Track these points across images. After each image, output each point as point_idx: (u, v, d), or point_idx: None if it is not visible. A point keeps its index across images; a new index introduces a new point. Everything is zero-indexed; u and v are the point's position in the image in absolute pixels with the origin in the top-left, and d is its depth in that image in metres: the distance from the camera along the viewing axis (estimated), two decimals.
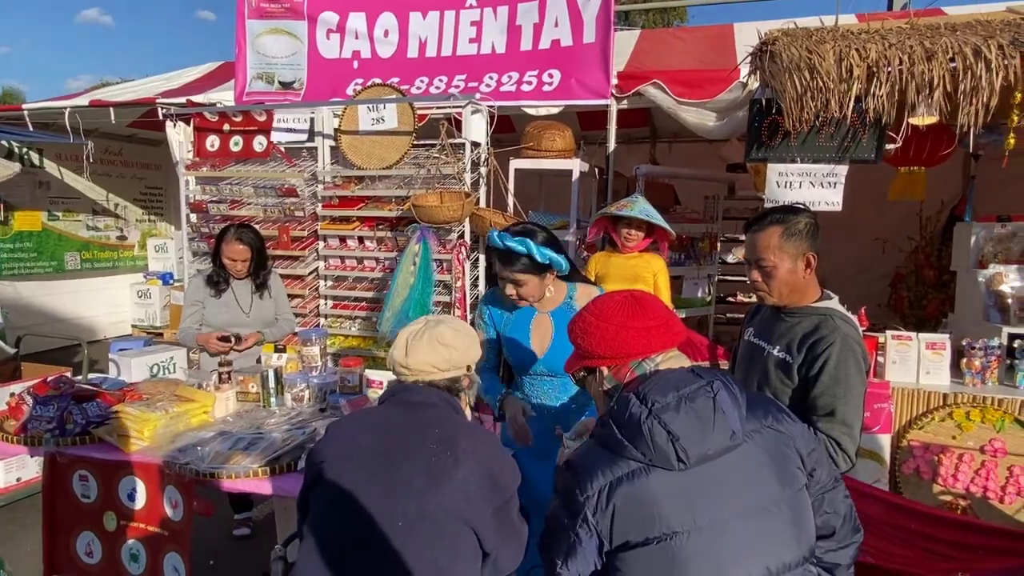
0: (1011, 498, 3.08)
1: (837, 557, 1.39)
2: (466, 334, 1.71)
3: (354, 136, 4.44)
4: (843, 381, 1.77)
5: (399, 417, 1.56)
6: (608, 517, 1.22)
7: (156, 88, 6.04)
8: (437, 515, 1.41)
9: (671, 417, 1.22)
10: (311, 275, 4.66)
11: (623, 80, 4.52)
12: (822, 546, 1.36)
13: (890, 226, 6.05)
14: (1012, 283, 3.41)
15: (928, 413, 3.17)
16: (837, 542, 1.38)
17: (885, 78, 2.54)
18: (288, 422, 2.50)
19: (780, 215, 1.89)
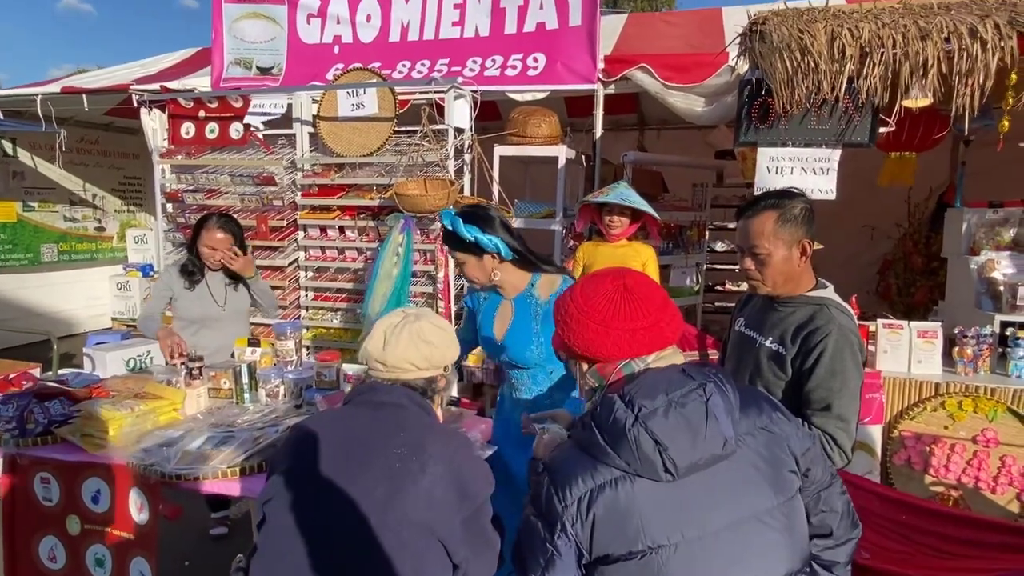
0: (1003, 488, 3.04)
1: (835, 555, 1.31)
2: (447, 331, 1.60)
3: (333, 122, 4.32)
4: (839, 374, 1.69)
5: (363, 420, 1.45)
6: (588, 528, 1.12)
7: (131, 75, 5.88)
8: (400, 526, 1.30)
9: (659, 424, 1.11)
10: (291, 266, 4.54)
11: (610, 64, 4.42)
12: (819, 544, 1.29)
13: (878, 213, 6.01)
14: (1004, 270, 3.36)
15: (920, 403, 3.12)
16: (835, 540, 1.30)
17: (879, 59, 2.46)
18: (261, 420, 2.40)
19: (775, 200, 1.80)
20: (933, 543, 2.29)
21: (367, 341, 1.56)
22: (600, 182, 4.62)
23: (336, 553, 1.31)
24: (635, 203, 3.34)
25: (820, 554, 1.29)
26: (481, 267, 2.16)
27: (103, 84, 5.57)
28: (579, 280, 1.34)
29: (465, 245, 2.12)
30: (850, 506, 1.34)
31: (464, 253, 2.14)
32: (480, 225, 2.10)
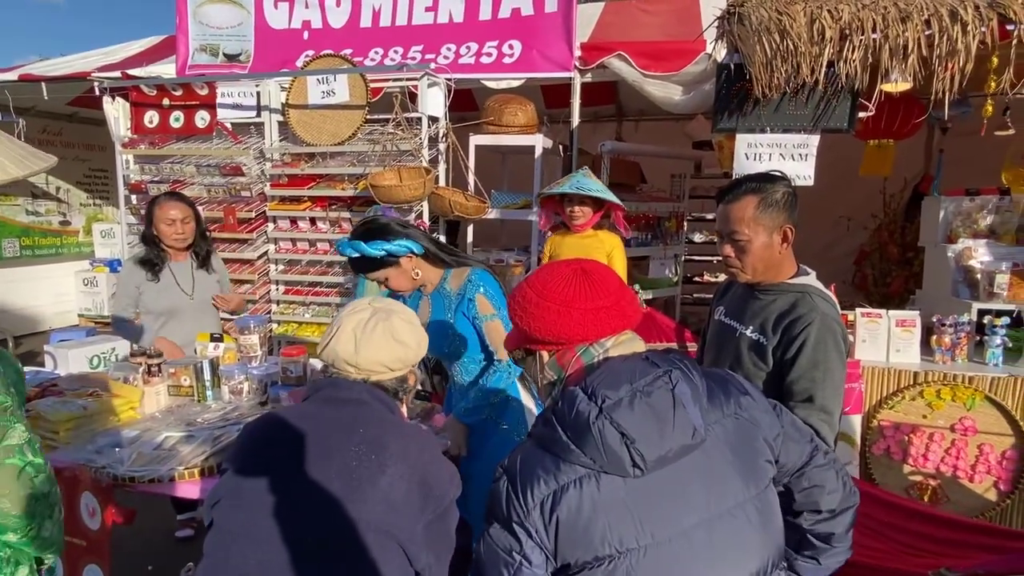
0: (981, 477, 3.03)
1: (831, 526, 1.25)
2: (417, 327, 1.50)
3: (303, 111, 4.19)
4: (822, 364, 1.64)
5: (322, 417, 1.35)
6: (552, 533, 1.03)
7: (94, 62, 5.67)
8: (356, 530, 1.21)
9: (624, 415, 1.03)
10: (260, 259, 4.41)
11: (587, 52, 4.34)
12: (810, 518, 1.24)
13: (854, 204, 6.03)
14: (981, 258, 3.34)
15: (898, 392, 3.10)
16: (830, 512, 1.24)
17: (859, 41, 2.41)
18: (223, 418, 2.29)
19: (756, 184, 1.74)
20: (907, 540, 2.26)
21: (333, 341, 1.43)
22: None
23: (289, 557, 1.21)
24: (593, 191, 3.24)
25: (814, 527, 1.24)
26: (403, 273, 2.17)
27: (63, 72, 5.36)
28: (533, 271, 1.28)
29: (378, 263, 2.12)
30: (842, 474, 1.27)
31: (382, 270, 2.14)
32: (380, 237, 2.11)
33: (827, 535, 1.25)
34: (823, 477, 1.23)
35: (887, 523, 2.11)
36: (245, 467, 1.32)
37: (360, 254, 2.09)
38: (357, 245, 2.09)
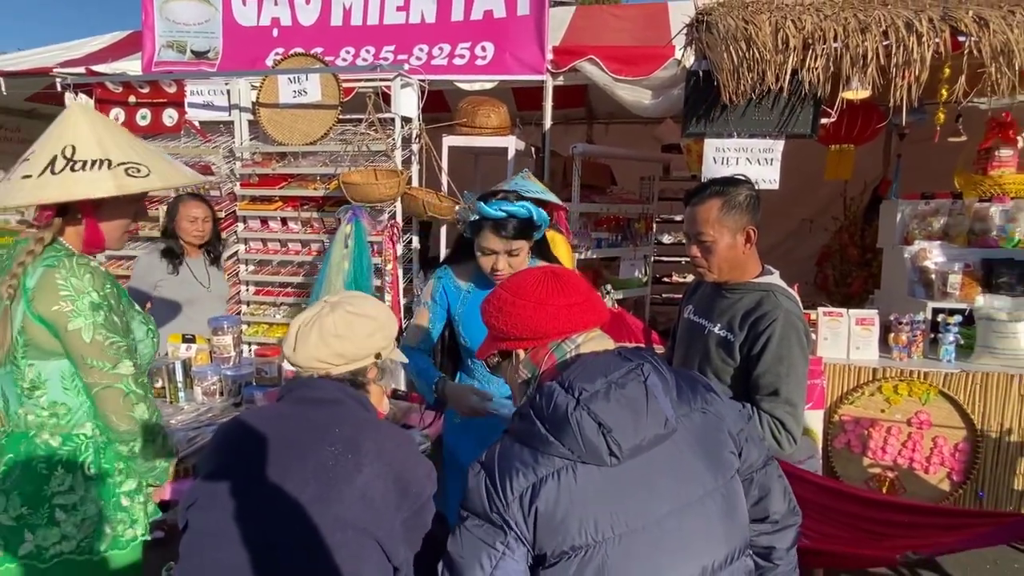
0: (935, 468, 3.17)
1: (774, 540, 1.29)
2: (368, 318, 1.44)
3: (274, 110, 4.16)
4: (786, 359, 1.71)
5: (295, 416, 1.36)
6: (531, 524, 1.07)
7: (55, 58, 5.52)
8: (334, 528, 1.22)
9: (601, 406, 1.08)
10: (231, 259, 4.35)
11: (559, 55, 4.39)
12: (756, 529, 1.28)
13: (816, 206, 6.22)
14: (936, 259, 3.49)
15: (858, 388, 3.22)
16: (773, 524, 1.29)
17: (821, 50, 2.51)
18: (196, 419, 2.28)
19: (720, 187, 1.82)
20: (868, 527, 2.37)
21: (284, 338, 1.46)
22: (550, 174, 4.60)
23: (265, 558, 1.22)
24: (535, 192, 3.14)
25: (757, 539, 1.28)
26: (527, 253, 2.06)
27: (23, 67, 5.22)
28: (503, 281, 1.35)
29: (527, 231, 2.00)
30: (788, 491, 1.33)
31: (524, 239, 2.01)
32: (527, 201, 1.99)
33: (769, 549, 1.29)
34: (773, 486, 1.28)
35: (848, 512, 2.20)
36: (220, 469, 1.32)
37: (528, 214, 1.96)
38: (526, 204, 1.96)
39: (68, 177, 1.45)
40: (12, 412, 1.56)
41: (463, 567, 1.10)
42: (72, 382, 1.54)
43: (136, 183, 1.50)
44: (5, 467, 1.52)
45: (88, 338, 1.48)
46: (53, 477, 1.52)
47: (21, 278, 1.47)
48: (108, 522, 1.58)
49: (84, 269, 1.51)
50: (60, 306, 1.46)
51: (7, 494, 1.51)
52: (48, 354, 1.51)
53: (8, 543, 1.51)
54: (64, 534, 1.52)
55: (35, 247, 1.49)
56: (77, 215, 1.54)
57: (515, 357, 1.27)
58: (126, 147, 1.55)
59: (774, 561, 1.30)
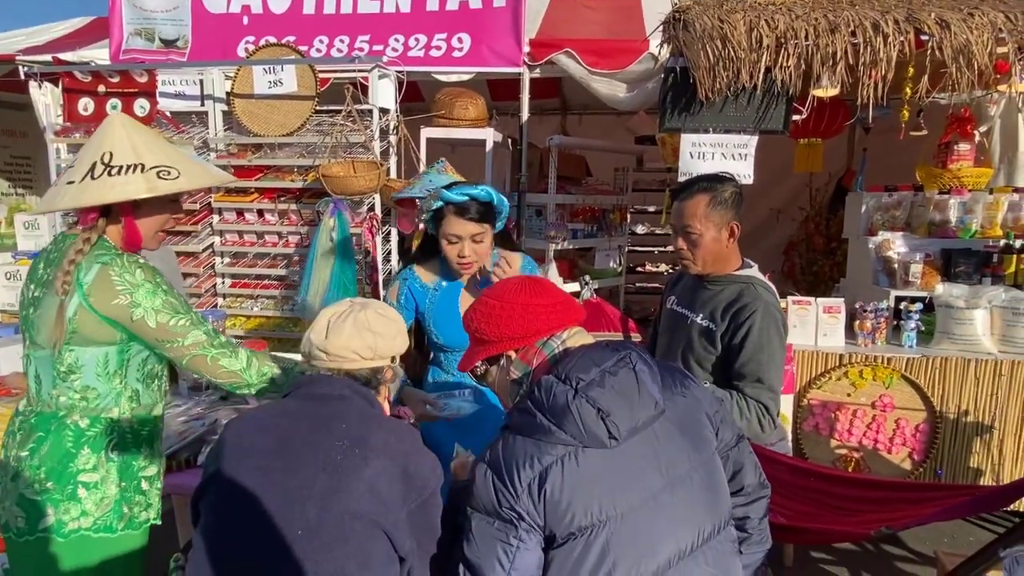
0: (897, 448, 3.33)
1: (748, 511, 1.41)
2: (394, 321, 1.57)
3: (249, 100, 4.11)
4: (766, 348, 1.81)
5: (303, 412, 1.40)
6: (541, 511, 1.15)
7: (16, 44, 5.36)
8: (342, 519, 1.27)
9: (598, 393, 1.17)
10: (206, 252, 4.31)
11: (535, 48, 4.44)
12: (732, 501, 1.37)
13: (783, 197, 6.39)
14: (898, 249, 3.64)
15: (826, 373, 3.36)
16: (746, 496, 1.40)
17: (792, 49, 2.60)
18: (185, 413, 2.30)
19: (707, 183, 1.91)
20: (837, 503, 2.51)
21: (309, 331, 1.51)
22: (526, 166, 4.65)
23: (277, 549, 1.26)
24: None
25: (733, 511, 1.37)
26: (490, 241, 2.09)
27: None
28: (482, 292, 1.43)
29: (489, 214, 2.04)
30: (758, 466, 1.44)
31: (486, 223, 2.05)
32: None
33: (744, 520, 1.40)
34: (745, 461, 1.40)
35: (820, 491, 2.32)
36: (231, 463, 1.36)
37: (487, 197, 2.00)
38: (485, 188, 2.02)
39: (105, 182, 1.58)
40: (44, 393, 1.64)
41: (482, 563, 1.17)
42: (105, 368, 1.63)
43: (166, 185, 1.62)
44: (34, 444, 1.60)
45: (154, 324, 1.61)
46: (79, 455, 1.60)
47: (75, 274, 1.57)
48: (126, 503, 1.67)
49: (135, 265, 1.64)
50: (119, 300, 1.59)
51: (35, 470, 1.59)
52: (89, 341, 1.61)
53: (30, 516, 1.59)
54: (84, 510, 1.60)
55: (83, 246, 1.60)
56: (118, 216, 1.65)
57: (505, 360, 1.36)
58: (159, 152, 1.67)
59: (748, 530, 1.41)
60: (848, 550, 3.18)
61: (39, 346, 1.63)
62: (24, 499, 1.59)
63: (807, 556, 3.14)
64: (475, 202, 2.01)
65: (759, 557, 1.44)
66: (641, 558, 1.14)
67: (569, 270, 4.92)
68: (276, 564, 1.25)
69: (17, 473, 1.60)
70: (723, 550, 1.24)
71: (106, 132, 1.65)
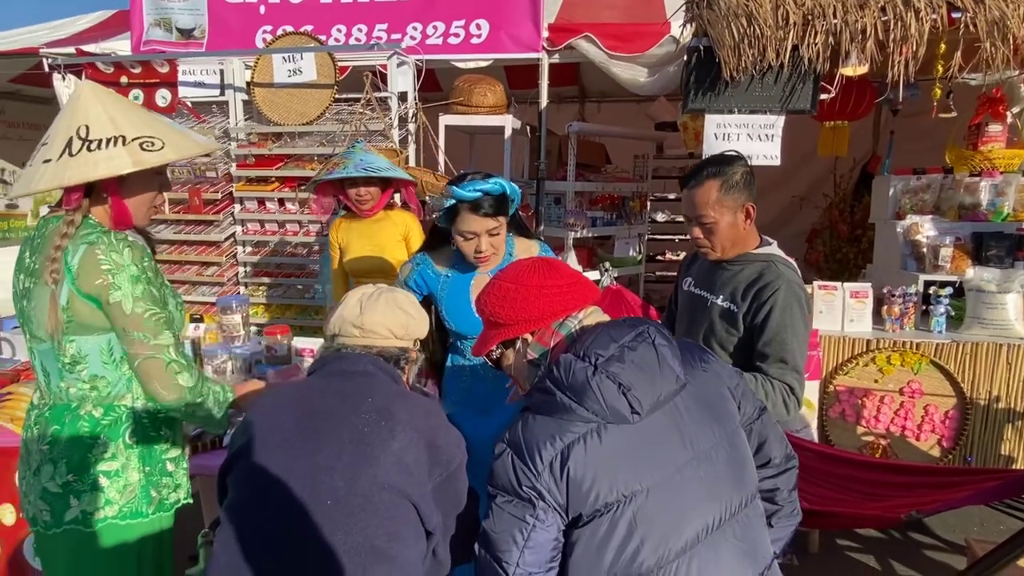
0: (926, 435, 3.27)
1: (777, 482, 1.38)
2: (418, 305, 1.59)
3: (269, 89, 4.13)
4: (790, 327, 1.77)
5: (329, 388, 1.41)
6: (564, 489, 1.13)
7: (40, 38, 5.41)
8: (371, 490, 1.27)
9: (618, 369, 1.16)
10: (227, 241, 4.35)
11: (554, 33, 4.39)
12: (760, 473, 1.35)
13: (806, 184, 6.29)
14: (927, 233, 3.57)
15: (852, 359, 3.30)
16: (775, 468, 1.37)
17: (820, 26, 2.54)
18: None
19: (715, 168, 1.85)
20: (867, 489, 2.47)
21: (340, 308, 1.51)
22: (546, 153, 4.61)
23: (306, 521, 1.26)
24: (383, 171, 2.85)
25: (761, 484, 1.35)
26: (503, 230, 2.04)
27: (8, 47, 5.12)
28: (494, 275, 1.40)
29: (503, 208, 1.98)
30: (783, 437, 1.41)
31: (502, 216, 1.99)
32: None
33: (772, 492, 1.37)
34: (769, 433, 1.37)
35: (847, 476, 2.28)
36: (258, 439, 1.36)
37: (502, 190, 1.94)
38: (499, 181, 1.95)
39: (86, 158, 1.47)
40: (54, 386, 1.60)
41: (498, 542, 1.16)
42: (111, 356, 1.58)
43: (152, 157, 1.52)
44: (51, 438, 1.57)
45: (128, 310, 1.52)
46: (96, 445, 1.57)
47: (62, 259, 1.49)
48: (153, 487, 1.64)
49: (123, 244, 1.54)
50: (102, 279, 1.50)
51: (54, 463, 1.56)
52: (88, 329, 1.55)
53: (55, 509, 1.56)
54: (107, 499, 1.57)
55: (67, 228, 1.51)
56: (102, 194, 1.56)
57: (521, 343, 1.34)
58: (138, 122, 1.56)
59: (778, 502, 1.39)
60: (875, 537, 3.13)
61: (39, 339, 1.57)
62: (48, 493, 1.56)
63: (833, 543, 3.09)
64: (488, 196, 1.95)
65: (789, 531, 1.41)
66: (669, 534, 1.12)
67: (588, 258, 4.89)
68: (305, 536, 1.25)
69: (39, 467, 1.58)
70: (751, 524, 1.21)
71: (78, 104, 1.52)
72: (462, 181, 2.00)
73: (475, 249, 2.01)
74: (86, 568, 1.60)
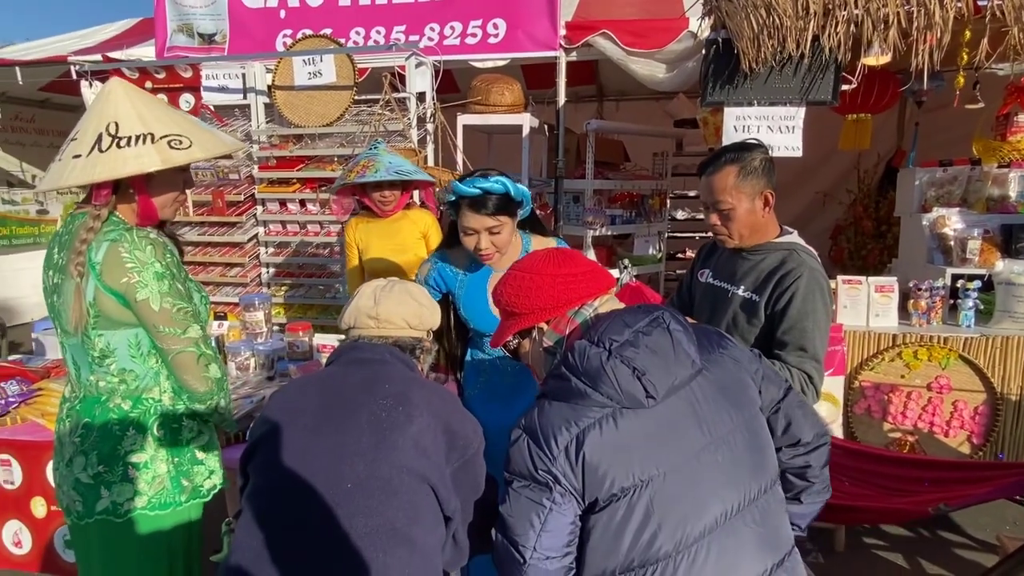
0: (955, 431, 3.20)
1: (809, 459, 1.36)
2: (432, 297, 1.62)
3: (290, 92, 4.18)
4: (811, 315, 1.75)
5: (347, 375, 1.43)
6: (579, 474, 1.13)
7: (68, 46, 5.55)
8: (390, 473, 1.29)
9: (632, 353, 1.16)
10: (250, 242, 4.41)
11: (571, 31, 4.39)
12: (791, 452, 1.35)
13: (830, 180, 6.21)
14: (954, 225, 3.50)
15: (878, 354, 3.25)
16: (805, 447, 1.35)
17: (841, 15, 2.51)
18: (234, 392, 2.34)
19: (734, 154, 1.83)
20: (895, 484, 2.43)
21: (355, 300, 1.55)
22: (563, 151, 4.61)
23: (327, 504, 1.28)
24: (413, 175, 2.87)
25: (791, 461, 1.35)
26: (513, 229, 2.02)
27: (38, 56, 5.26)
28: (510, 266, 1.40)
29: (507, 205, 1.96)
30: (812, 414, 1.39)
31: (505, 215, 1.97)
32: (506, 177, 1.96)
33: (803, 468, 1.35)
34: (795, 413, 1.35)
35: (874, 472, 2.25)
36: (278, 426, 1.38)
37: (504, 189, 1.92)
38: (500, 179, 1.92)
39: (116, 154, 1.49)
40: (84, 379, 1.64)
41: (515, 525, 1.17)
42: (138, 350, 1.61)
43: (180, 155, 1.54)
44: (83, 430, 1.61)
45: (157, 307, 1.55)
46: (126, 437, 1.61)
47: (87, 254, 1.52)
48: (184, 477, 1.68)
49: (145, 241, 1.56)
50: (128, 278, 1.53)
51: (86, 454, 1.60)
52: (116, 324, 1.58)
53: (87, 500, 1.61)
54: (137, 491, 1.61)
55: (93, 223, 1.52)
56: (129, 190, 1.58)
57: (537, 331, 1.35)
58: (166, 119, 1.58)
59: (809, 479, 1.37)
60: (903, 536, 3.07)
61: (69, 333, 1.59)
62: (80, 483, 1.60)
63: (859, 542, 3.04)
64: (490, 195, 1.94)
65: (818, 507, 1.40)
66: (686, 518, 1.11)
67: (608, 257, 4.87)
68: (326, 520, 1.26)
69: (71, 459, 1.61)
70: (771, 510, 1.20)
71: (108, 100, 1.54)
72: (467, 179, 2.00)
73: (475, 246, 2.01)
74: (118, 557, 1.63)
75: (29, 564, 2.28)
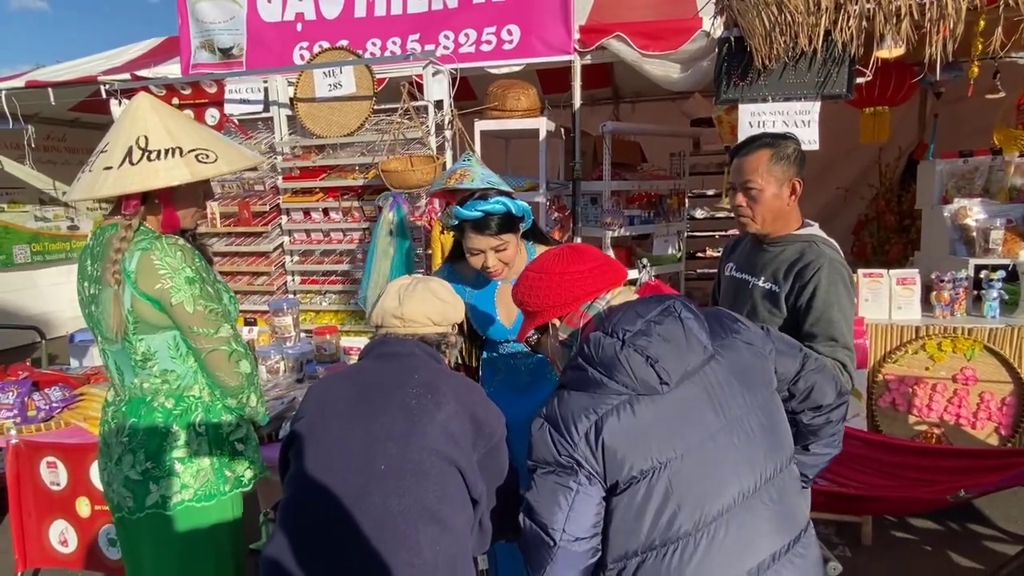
0: (982, 423, 3.18)
1: (831, 416, 1.43)
2: (452, 291, 1.69)
3: (311, 103, 4.28)
4: (836, 304, 1.77)
5: (379, 368, 1.52)
6: (600, 458, 1.18)
7: (97, 67, 5.73)
8: (421, 455, 1.37)
9: (645, 342, 1.21)
10: (276, 251, 4.51)
11: (585, 34, 4.43)
12: (811, 414, 1.40)
13: (851, 175, 6.17)
14: (976, 216, 3.48)
15: (902, 347, 3.23)
16: (828, 407, 1.41)
17: (853, 10, 2.52)
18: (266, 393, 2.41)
19: (770, 139, 1.88)
20: (916, 475, 2.43)
21: (380, 300, 1.61)
22: (580, 154, 4.65)
23: (362, 485, 1.36)
24: (500, 186, 2.88)
25: (812, 422, 1.41)
26: (518, 245, 2.06)
27: (68, 77, 5.44)
28: (526, 267, 1.47)
29: (509, 224, 2.00)
30: (832, 378, 1.44)
31: (509, 233, 2.01)
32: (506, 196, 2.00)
33: (822, 425, 1.42)
34: (817, 378, 1.40)
35: (896, 463, 2.26)
36: (315, 416, 1.47)
37: (506, 209, 1.96)
38: (500, 200, 1.96)
39: (147, 167, 1.57)
40: (128, 382, 1.73)
41: (542, 509, 1.22)
42: (177, 351, 1.70)
43: (207, 169, 1.62)
44: (130, 430, 1.70)
45: (191, 309, 1.63)
46: (170, 434, 1.70)
47: (122, 263, 1.60)
48: (226, 468, 1.77)
49: (175, 248, 1.64)
50: (162, 284, 1.61)
51: (134, 452, 1.69)
52: (155, 328, 1.66)
53: (137, 496, 1.69)
54: (183, 484, 1.69)
55: (126, 233, 1.60)
56: (155, 201, 1.66)
57: (552, 327, 1.42)
58: (193, 134, 1.66)
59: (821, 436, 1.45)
60: (930, 529, 3.05)
61: (110, 340, 1.67)
62: (129, 480, 1.69)
63: (886, 535, 3.02)
64: (492, 216, 1.97)
65: (825, 459, 1.47)
66: (704, 498, 1.15)
67: (627, 257, 4.90)
68: (362, 499, 1.34)
69: (120, 458, 1.70)
70: (786, 488, 1.24)
71: (137, 114, 1.60)
72: (467, 202, 2.04)
73: (482, 265, 2.05)
74: (167, 548, 1.72)
75: (74, 562, 2.37)
